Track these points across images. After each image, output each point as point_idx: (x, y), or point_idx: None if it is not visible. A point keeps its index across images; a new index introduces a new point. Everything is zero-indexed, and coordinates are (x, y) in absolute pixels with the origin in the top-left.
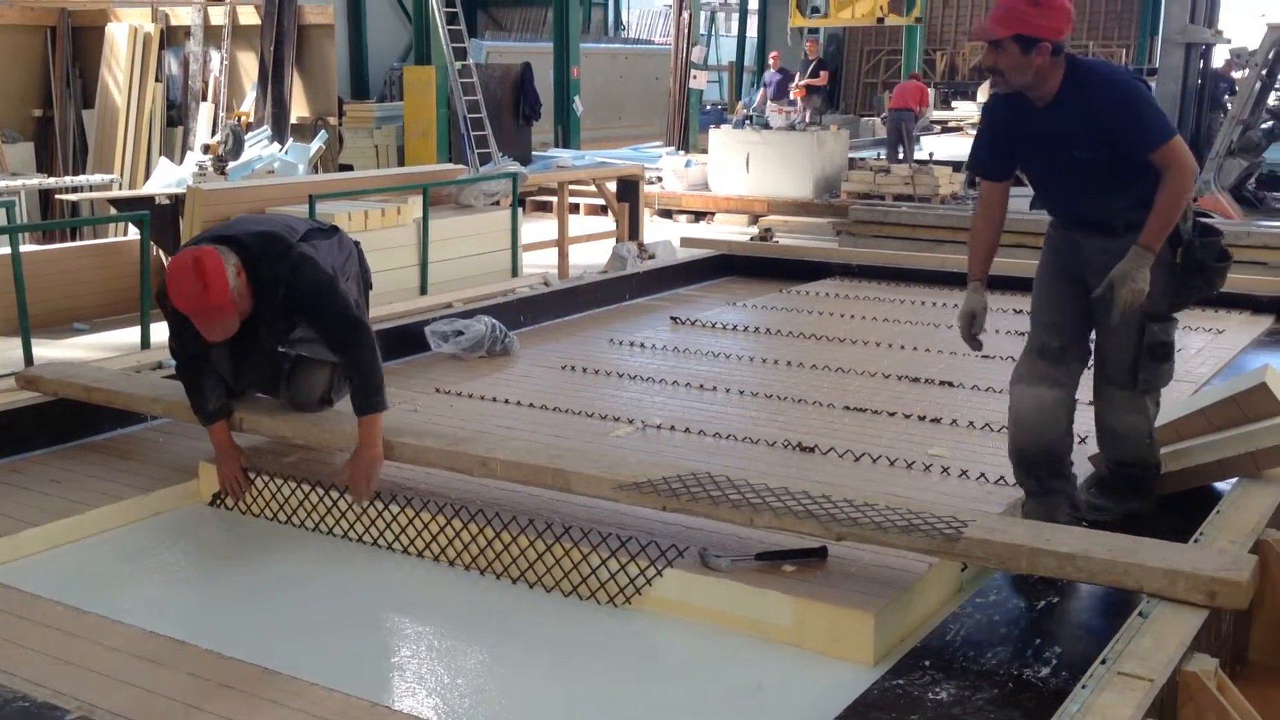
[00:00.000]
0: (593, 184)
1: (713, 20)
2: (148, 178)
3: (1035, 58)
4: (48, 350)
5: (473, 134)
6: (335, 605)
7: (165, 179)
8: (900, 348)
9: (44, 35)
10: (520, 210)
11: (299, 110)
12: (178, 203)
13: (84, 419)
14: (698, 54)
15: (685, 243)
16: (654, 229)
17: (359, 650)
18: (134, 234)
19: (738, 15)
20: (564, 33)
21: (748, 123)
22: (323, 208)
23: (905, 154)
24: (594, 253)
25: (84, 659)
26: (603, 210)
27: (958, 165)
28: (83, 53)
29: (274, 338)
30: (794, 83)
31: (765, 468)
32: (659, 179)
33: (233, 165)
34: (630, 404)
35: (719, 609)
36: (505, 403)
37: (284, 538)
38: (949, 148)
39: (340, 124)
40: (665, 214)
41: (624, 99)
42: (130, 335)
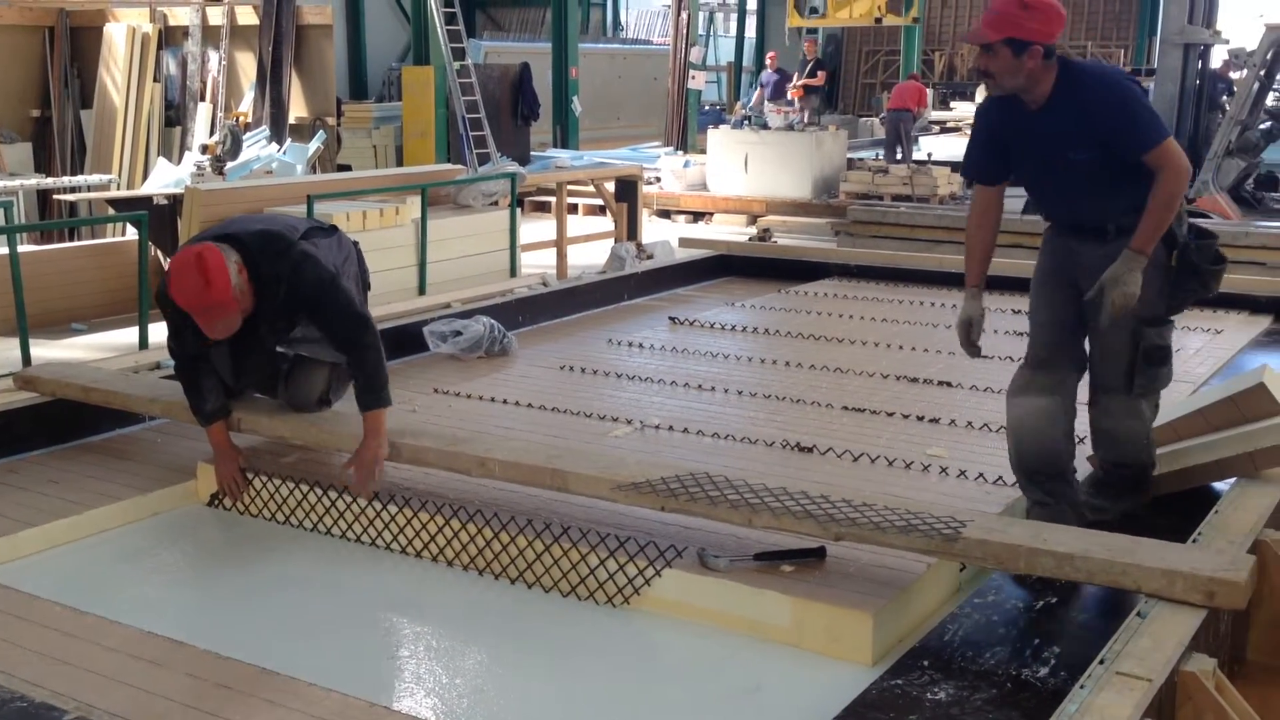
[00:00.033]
0: (591, 184)
1: (711, 20)
2: (146, 178)
3: (1027, 61)
4: (46, 350)
5: (471, 134)
6: (333, 605)
7: (163, 179)
8: (899, 348)
9: (42, 35)
10: (519, 210)
11: (297, 110)
12: (176, 203)
13: (82, 419)
14: (696, 54)
15: (683, 243)
16: (652, 229)
17: (357, 650)
18: (132, 234)
19: (736, 15)
20: (562, 33)
21: (746, 123)
22: (321, 208)
23: (904, 154)
24: (592, 253)
25: (82, 659)
26: (601, 210)
27: (956, 165)
28: (81, 53)
29: (274, 336)
30: (791, 83)
31: (764, 468)
32: (657, 179)
33: (231, 165)
34: (629, 404)
35: (717, 609)
36: (504, 403)
37: (282, 538)
38: (947, 148)
39: (338, 124)
40: (664, 214)
41: (622, 99)
42: (128, 335)
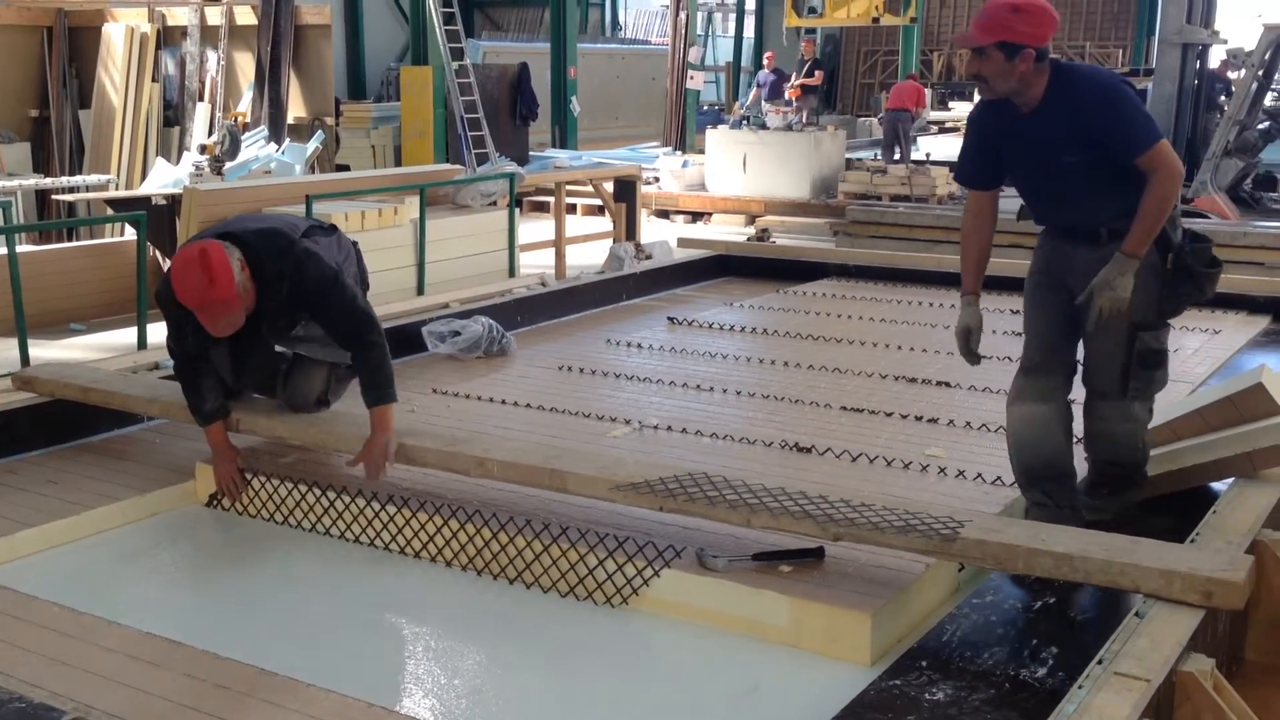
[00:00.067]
0: (590, 184)
1: (710, 21)
2: (144, 178)
3: (1019, 64)
4: (44, 351)
5: (469, 134)
6: (332, 606)
7: (162, 179)
8: (897, 348)
9: (41, 35)
10: (517, 210)
11: (296, 110)
12: (174, 203)
13: (81, 419)
14: (695, 54)
15: (682, 243)
16: (651, 229)
17: (355, 651)
18: (130, 234)
19: (735, 15)
20: (561, 33)
21: (745, 123)
22: (319, 208)
23: (902, 154)
24: (591, 253)
25: (80, 660)
26: (600, 211)
27: (954, 166)
28: (79, 53)
29: (275, 334)
30: (789, 83)
31: (762, 468)
32: (656, 179)
33: (229, 166)
34: (627, 404)
35: (716, 609)
36: (502, 403)
37: (281, 539)
38: (946, 148)
39: (337, 124)
40: (662, 214)
41: (621, 99)
42: (127, 336)
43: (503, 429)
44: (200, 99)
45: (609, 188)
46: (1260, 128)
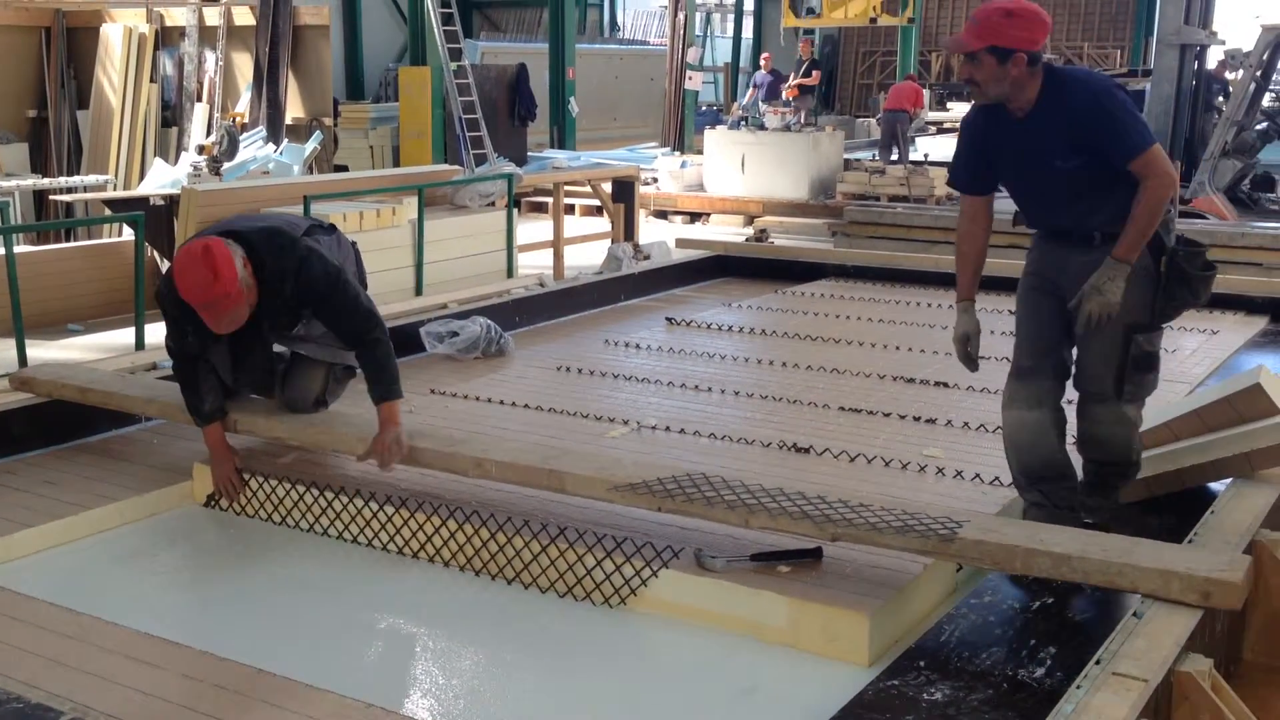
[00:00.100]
0: (588, 185)
1: (708, 21)
2: (142, 178)
3: (1011, 68)
4: (42, 351)
5: (468, 135)
6: (330, 606)
7: (160, 180)
8: (895, 348)
9: (39, 36)
10: (515, 211)
11: (294, 111)
12: (172, 204)
13: (79, 420)
14: (693, 55)
15: (680, 244)
16: (649, 230)
17: (354, 651)
18: (129, 235)
19: (733, 16)
20: (559, 33)
21: (743, 124)
22: (318, 208)
23: (900, 155)
24: (589, 254)
25: (78, 660)
26: (598, 211)
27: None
28: (77, 53)
29: (276, 333)
30: (786, 84)
31: (760, 468)
32: (654, 180)
33: (227, 166)
34: (625, 405)
35: (714, 609)
36: (500, 404)
37: (279, 539)
38: (944, 149)
39: (335, 125)
40: (661, 215)
41: (619, 100)
42: (125, 336)
43: (501, 429)
44: (198, 99)
45: (607, 188)
46: (1258, 128)
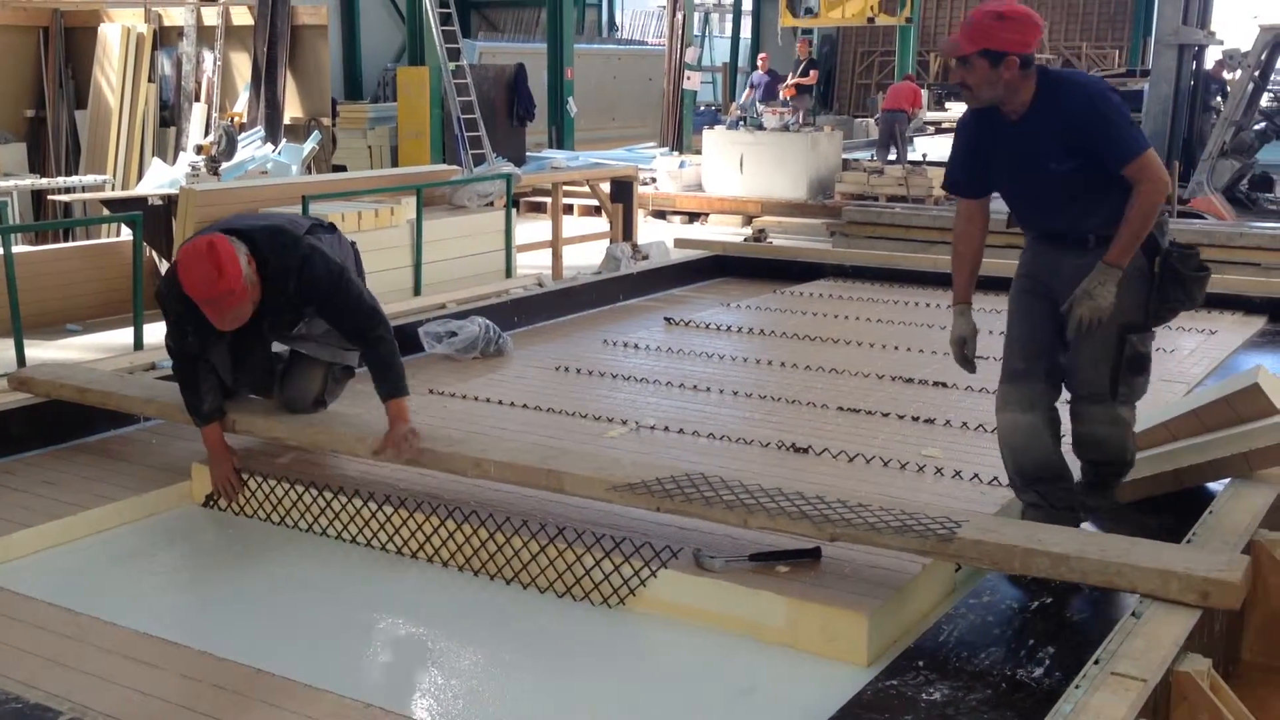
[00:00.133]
0: (587, 185)
1: (706, 21)
2: (140, 178)
3: (1004, 72)
4: (41, 351)
5: (466, 135)
6: (329, 606)
7: (158, 180)
8: (894, 348)
9: (37, 36)
10: (514, 211)
11: (292, 111)
12: (171, 203)
13: (77, 420)
14: (692, 55)
15: (679, 244)
16: (648, 230)
17: (352, 651)
18: (127, 235)
19: (731, 16)
20: (558, 33)
21: (742, 124)
22: (316, 208)
23: (898, 155)
24: (588, 254)
25: (77, 661)
26: (597, 211)
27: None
28: (75, 53)
29: (277, 332)
30: (783, 83)
31: (759, 468)
32: (653, 180)
33: (226, 166)
34: (624, 405)
35: (713, 609)
36: (499, 404)
37: (278, 539)
38: (943, 149)
39: (334, 125)
40: (659, 215)
41: (618, 100)
42: (124, 336)
43: (499, 429)
44: (196, 99)
45: (606, 188)
46: (1256, 128)
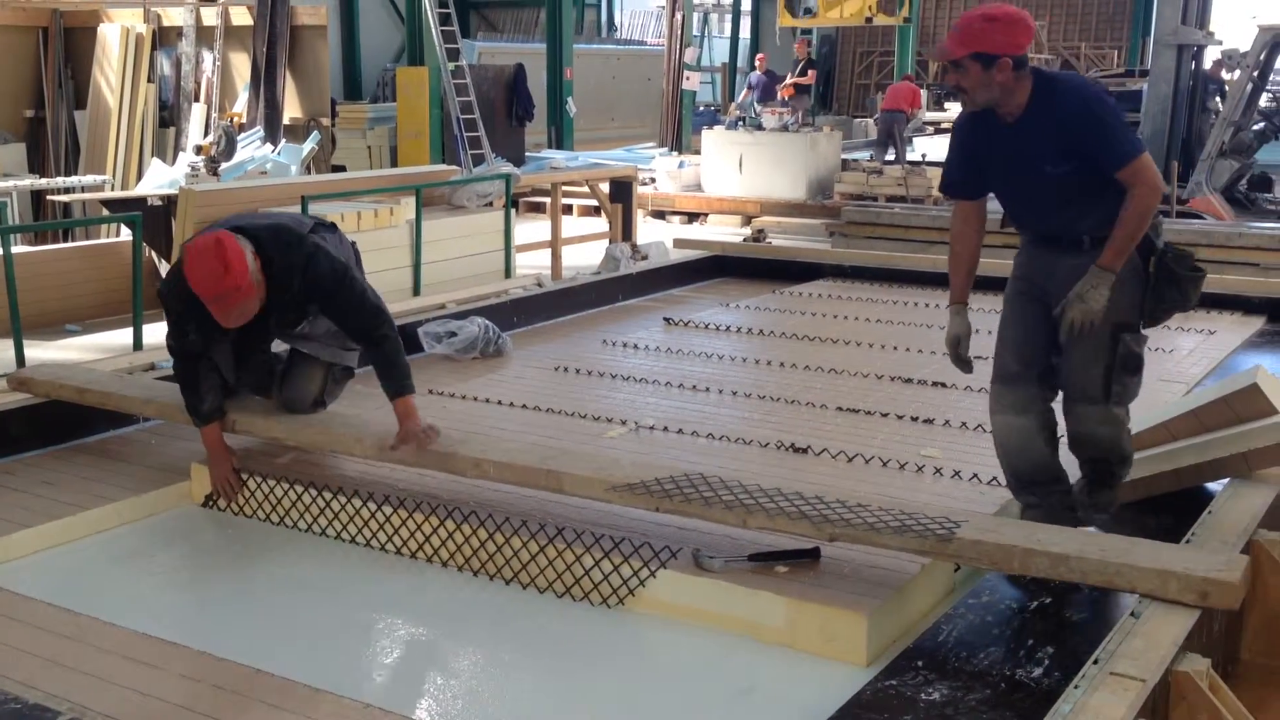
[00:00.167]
0: (586, 185)
1: (706, 21)
2: (140, 179)
3: (996, 74)
4: (40, 352)
5: (466, 135)
6: (328, 606)
7: (157, 180)
8: (893, 349)
9: (36, 36)
10: (513, 211)
11: (291, 111)
12: (170, 204)
13: (76, 420)
14: (691, 55)
15: (678, 244)
16: (647, 230)
17: (351, 652)
18: (126, 235)
19: (731, 16)
20: (557, 34)
21: (741, 124)
22: (315, 209)
23: (897, 155)
24: (587, 254)
25: (76, 661)
26: (596, 211)
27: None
28: (75, 53)
29: (281, 330)
30: (781, 84)
31: (758, 469)
32: (652, 180)
33: (225, 166)
34: (623, 405)
35: (712, 610)
36: (498, 404)
37: (277, 539)
38: (942, 149)
39: (333, 125)
40: (658, 215)
41: (617, 100)
42: (123, 336)
43: (499, 429)
44: (196, 99)
45: (605, 188)
46: (1255, 129)
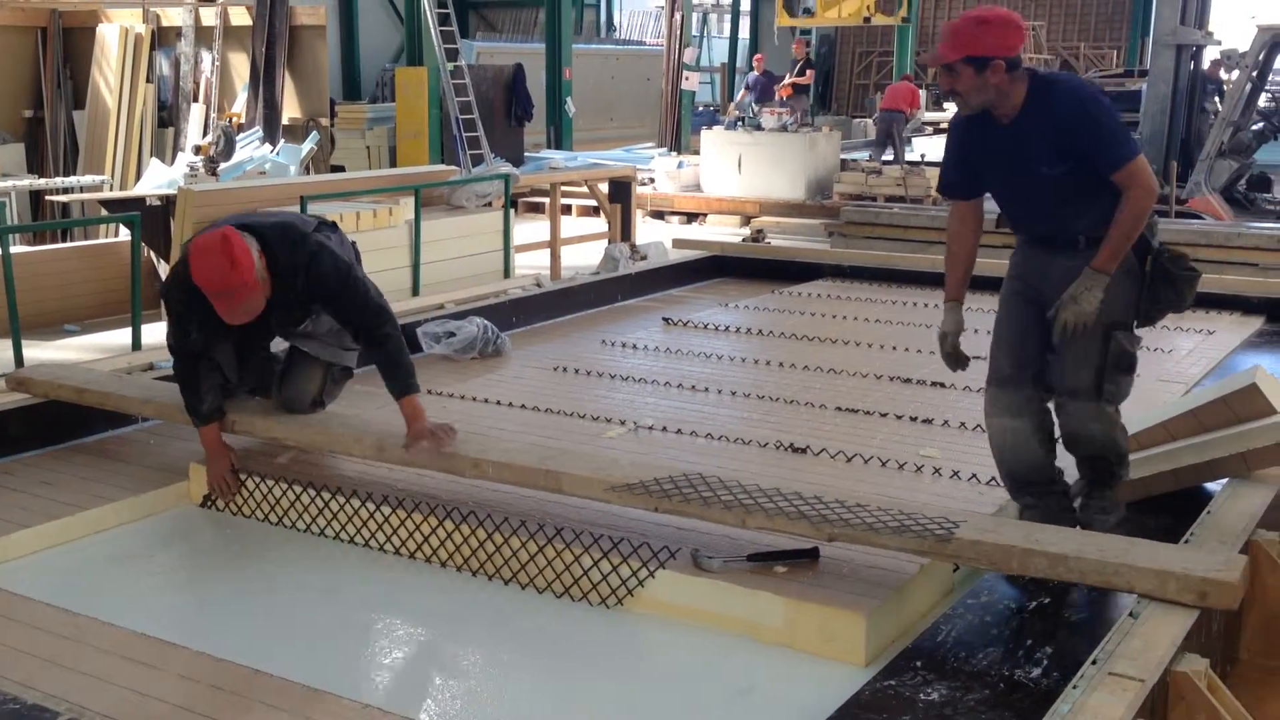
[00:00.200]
0: (585, 185)
1: (705, 21)
2: (139, 179)
3: (990, 76)
4: (39, 352)
5: (465, 135)
6: (327, 607)
7: (156, 180)
8: (892, 349)
9: (35, 36)
10: (512, 211)
11: (290, 111)
12: (169, 204)
13: (75, 420)
14: (690, 55)
15: (677, 244)
16: (646, 230)
17: (350, 652)
18: (125, 235)
19: (730, 16)
20: (556, 34)
21: (740, 124)
22: (314, 209)
23: (896, 155)
24: (586, 254)
25: (74, 661)
26: (595, 211)
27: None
28: (74, 53)
29: (284, 329)
30: (779, 84)
31: (757, 469)
32: (651, 180)
33: (224, 166)
34: (622, 405)
35: (711, 610)
36: (497, 404)
37: (275, 539)
38: (941, 149)
39: (332, 125)
40: (657, 215)
41: (616, 100)
42: (122, 337)
43: (498, 430)
44: (195, 100)
45: (604, 189)
46: (1254, 129)
